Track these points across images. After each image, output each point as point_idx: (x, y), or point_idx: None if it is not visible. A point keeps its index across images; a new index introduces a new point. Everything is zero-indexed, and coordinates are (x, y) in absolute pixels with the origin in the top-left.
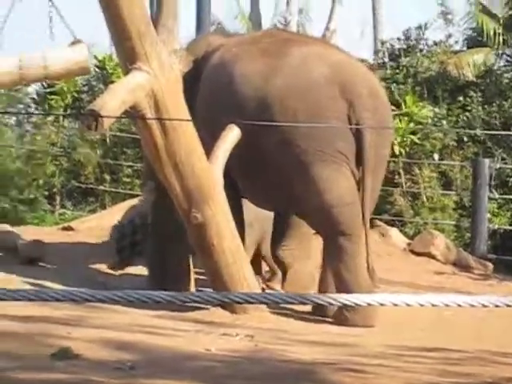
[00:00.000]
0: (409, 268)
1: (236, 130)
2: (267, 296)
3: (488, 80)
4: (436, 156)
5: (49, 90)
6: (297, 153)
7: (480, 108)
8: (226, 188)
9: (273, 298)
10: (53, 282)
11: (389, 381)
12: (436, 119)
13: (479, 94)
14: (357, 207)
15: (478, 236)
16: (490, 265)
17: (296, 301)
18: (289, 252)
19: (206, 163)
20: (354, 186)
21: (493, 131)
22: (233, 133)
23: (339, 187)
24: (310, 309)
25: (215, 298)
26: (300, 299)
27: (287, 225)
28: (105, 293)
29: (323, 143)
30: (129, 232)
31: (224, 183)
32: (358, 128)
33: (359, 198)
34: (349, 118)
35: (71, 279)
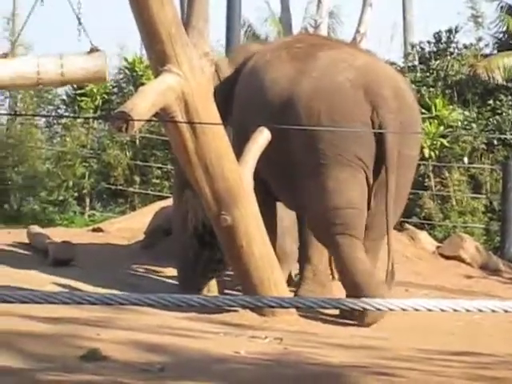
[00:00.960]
0: (438, 271)
1: (266, 133)
2: (300, 300)
3: None
4: (466, 159)
5: (79, 92)
6: (316, 155)
7: (510, 111)
8: (260, 193)
9: (306, 303)
10: (83, 284)
11: None
12: (466, 122)
13: (509, 98)
14: (363, 213)
15: (508, 239)
16: None
17: (329, 305)
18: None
19: (236, 166)
20: (365, 193)
21: None
22: (262, 135)
23: (349, 191)
24: (339, 312)
25: (249, 302)
26: (334, 304)
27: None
28: (139, 296)
29: (342, 148)
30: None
31: (258, 188)
32: (382, 129)
33: (383, 200)
34: (372, 122)
35: (101, 281)
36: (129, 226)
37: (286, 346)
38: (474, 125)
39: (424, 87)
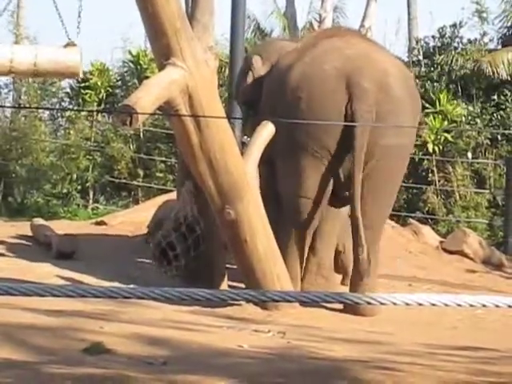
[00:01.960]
0: (441, 266)
1: (270, 126)
2: (304, 294)
3: None
4: (469, 154)
5: (83, 85)
6: (286, 141)
7: None
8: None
9: (310, 297)
10: (86, 277)
11: (422, 379)
12: (470, 117)
13: None
14: (317, 204)
15: (511, 234)
16: None
17: (334, 300)
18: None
19: (240, 159)
20: (324, 183)
21: None
22: (267, 129)
23: (304, 179)
24: (342, 306)
25: (253, 296)
26: (337, 298)
27: None
28: (144, 290)
29: (312, 136)
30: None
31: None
32: (351, 120)
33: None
34: (346, 112)
35: (104, 274)
36: (132, 220)
37: (289, 340)
38: (478, 120)
39: (428, 82)
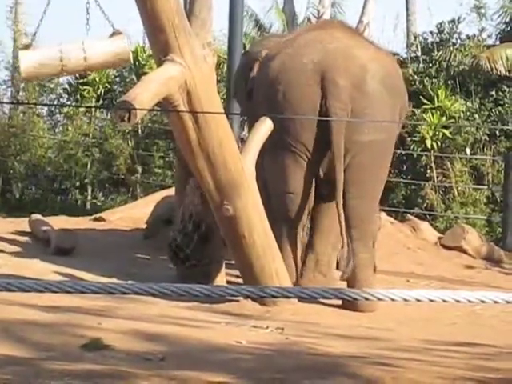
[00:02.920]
0: (439, 262)
1: (268, 122)
2: (303, 290)
3: None
4: (468, 150)
5: (81, 81)
6: (269, 138)
7: None
8: None
9: (309, 293)
10: (84, 273)
11: (420, 375)
12: (468, 113)
13: None
14: (300, 198)
15: (510, 230)
16: None
17: (332, 296)
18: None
19: (238, 155)
20: (307, 179)
21: None
22: (265, 125)
23: (287, 176)
24: (341, 302)
25: (252, 292)
26: (336, 294)
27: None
28: (142, 286)
29: (288, 132)
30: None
31: None
32: (327, 117)
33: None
34: (320, 108)
35: (103, 270)
36: (130, 216)
37: (288, 336)
38: (477, 116)
39: (427, 78)
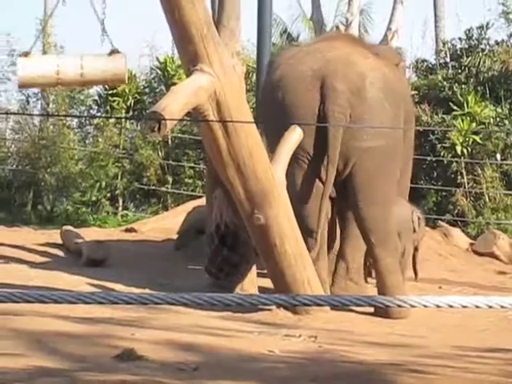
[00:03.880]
0: (471, 268)
1: (298, 131)
2: (335, 298)
3: None
4: (498, 156)
5: (110, 92)
6: (268, 146)
7: None
8: None
9: (341, 301)
10: (116, 284)
11: (453, 381)
12: (498, 119)
13: None
14: (313, 208)
15: None
16: None
17: (364, 303)
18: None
19: (269, 165)
20: (312, 184)
21: None
22: (295, 133)
23: (297, 184)
24: (373, 309)
25: (284, 300)
26: (368, 301)
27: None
28: (174, 296)
29: None
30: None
31: None
32: (325, 122)
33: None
34: (319, 113)
35: (135, 281)
36: (162, 226)
37: (321, 344)
38: (507, 121)
39: (456, 84)
